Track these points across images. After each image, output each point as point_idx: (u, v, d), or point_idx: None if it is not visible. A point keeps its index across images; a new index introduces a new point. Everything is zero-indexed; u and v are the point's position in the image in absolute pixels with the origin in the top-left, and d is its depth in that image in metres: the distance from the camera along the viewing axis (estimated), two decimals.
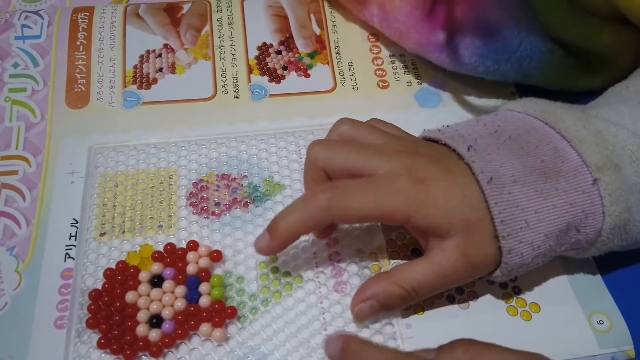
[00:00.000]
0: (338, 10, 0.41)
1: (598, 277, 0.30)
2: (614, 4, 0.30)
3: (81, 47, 0.38)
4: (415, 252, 0.31)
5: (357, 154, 0.27)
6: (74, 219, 0.31)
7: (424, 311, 0.29)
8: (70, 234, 0.31)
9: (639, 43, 0.34)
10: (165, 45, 0.38)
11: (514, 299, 0.29)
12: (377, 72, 0.39)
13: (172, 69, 0.38)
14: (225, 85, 0.37)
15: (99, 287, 0.29)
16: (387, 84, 0.38)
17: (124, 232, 0.31)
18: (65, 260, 0.30)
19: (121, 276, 0.29)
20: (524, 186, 0.26)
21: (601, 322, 0.29)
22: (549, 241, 0.26)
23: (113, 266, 0.29)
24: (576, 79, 0.36)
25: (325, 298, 0.29)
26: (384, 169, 0.26)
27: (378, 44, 0.40)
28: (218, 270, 0.30)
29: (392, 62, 0.39)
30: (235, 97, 0.37)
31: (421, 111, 0.37)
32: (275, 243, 0.27)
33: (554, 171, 0.27)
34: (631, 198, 0.27)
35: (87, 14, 0.39)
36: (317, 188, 0.27)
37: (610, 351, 0.28)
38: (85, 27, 0.39)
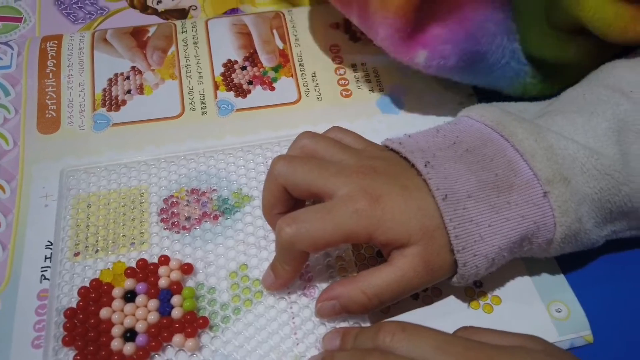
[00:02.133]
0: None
1: (556, 267, 0.31)
2: (578, 18, 0.31)
3: (51, 74, 0.39)
4: (380, 254, 0.32)
5: (318, 174, 0.28)
6: (48, 241, 0.32)
7: (389, 310, 0.30)
8: (46, 255, 0.32)
9: (600, 53, 0.35)
10: (133, 68, 0.40)
11: (476, 292, 0.31)
12: (340, 82, 0.40)
13: (140, 90, 0.39)
14: (193, 103, 0.38)
15: (74, 305, 0.30)
16: (349, 92, 0.40)
17: (97, 251, 0.32)
18: (41, 282, 0.31)
19: (95, 293, 0.30)
20: (478, 201, 0.28)
21: (559, 310, 0.30)
22: (502, 252, 0.28)
23: (87, 284, 0.30)
24: (541, 91, 0.37)
25: (294, 303, 0.30)
26: (342, 191, 0.27)
27: (340, 54, 0.41)
28: (190, 283, 0.31)
29: (354, 71, 0.41)
30: (203, 113, 0.38)
31: (383, 118, 0.38)
32: (278, 282, 0.29)
33: (507, 185, 0.28)
34: (581, 209, 0.28)
35: (56, 42, 0.41)
36: (280, 223, 0.27)
37: (569, 337, 0.29)
38: (54, 54, 0.40)
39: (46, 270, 0.31)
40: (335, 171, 0.28)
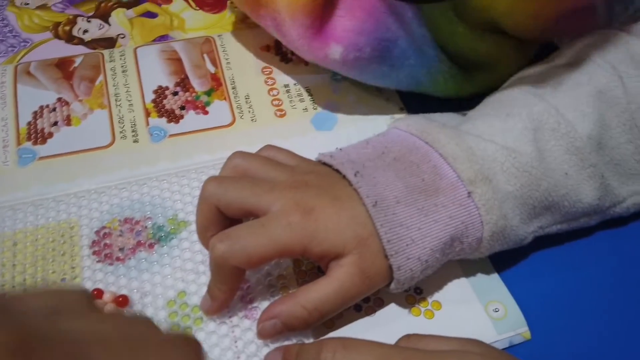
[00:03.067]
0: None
1: (490, 268, 0.32)
2: (490, 16, 0.33)
3: None
4: (321, 269, 0.32)
5: (250, 191, 0.28)
6: None
7: (333, 324, 0.30)
8: None
9: (515, 50, 0.37)
10: (59, 99, 0.39)
11: (417, 299, 0.31)
12: (274, 102, 0.40)
13: (68, 121, 0.38)
14: (124, 131, 0.38)
15: None
16: (284, 112, 0.40)
17: (25, 290, 0.30)
18: None
19: None
20: (407, 206, 0.28)
21: (497, 309, 0.31)
22: (435, 254, 0.28)
23: None
24: (461, 87, 0.38)
25: (236, 326, 0.29)
26: (276, 206, 0.28)
27: (272, 75, 0.42)
28: None
29: (287, 91, 0.41)
30: (135, 141, 0.37)
31: (318, 134, 0.39)
32: (215, 304, 0.29)
33: (434, 188, 0.29)
34: (505, 206, 0.29)
35: None
36: (213, 240, 0.27)
37: (507, 335, 0.30)
38: None
39: None
40: (268, 188, 0.28)
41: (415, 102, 0.41)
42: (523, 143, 0.30)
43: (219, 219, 0.29)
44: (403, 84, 0.38)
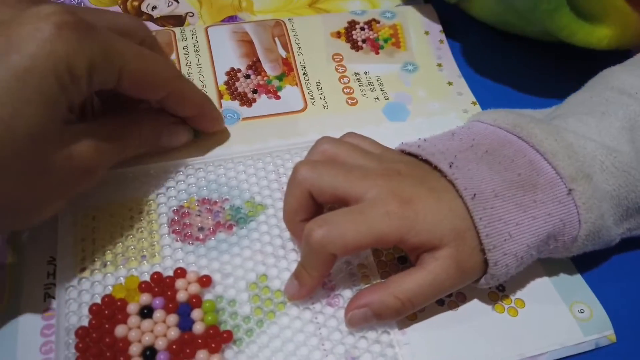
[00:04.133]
0: None
1: (573, 268, 0.32)
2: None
3: None
4: (402, 259, 0.32)
5: (344, 178, 0.28)
6: (50, 256, 0.30)
7: (416, 317, 0.30)
8: (48, 272, 0.30)
9: None
10: None
11: (500, 297, 0.31)
12: (345, 90, 0.40)
13: None
14: None
15: (86, 324, 0.28)
16: (355, 100, 0.39)
17: (105, 265, 0.30)
18: (45, 300, 0.29)
19: (108, 310, 0.28)
20: (505, 200, 0.28)
21: (582, 311, 0.30)
22: (531, 251, 0.28)
23: (98, 301, 0.28)
24: (578, 30, 0.36)
25: (319, 313, 0.29)
26: (370, 194, 0.27)
27: (342, 63, 0.41)
28: (209, 296, 0.29)
29: (358, 80, 0.41)
30: None
31: (390, 125, 0.38)
32: (304, 289, 0.29)
33: (531, 184, 0.28)
34: (604, 205, 0.28)
35: None
36: (311, 224, 0.27)
37: (593, 337, 0.29)
38: None
39: (50, 288, 0.29)
40: (361, 175, 0.28)
41: (486, 97, 0.41)
42: (621, 143, 0.29)
43: (309, 203, 0.29)
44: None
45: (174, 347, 0.27)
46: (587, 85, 0.35)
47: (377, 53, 0.42)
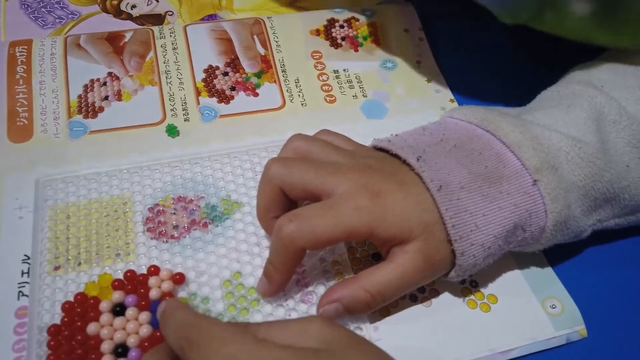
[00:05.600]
0: None
1: (546, 263, 0.32)
2: None
3: (21, 80, 0.37)
4: (375, 256, 0.32)
5: (315, 173, 0.28)
6: (25, 255, 0.30)
7: (389, 313, 0.30)
8: (23, 270, 0.30)
9: None
10: (110, 74, 0.38)
11: (472, 292, 0.31)
12: (324, 88, 0.40)
13: (119, 96, 0.37)
14: (174, 109, 0.37)
15: (58, 322, 0.28)
16: (333, 98, 0.40)
17: (79, 263, 0.30)
18: (18, 299, 0.29)
19: (81, 308, 0.28)
20: (471, 192, 0.28)
21: (554, 306, 0.30)
22: (498, 241, 0.28)
23: (71, 299, 0.28)
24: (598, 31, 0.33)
25: (292, 310, 0.29)
26: (341, 189, 0.27)
27: (322, 60, 0.41)
28: (182, 293, 0.29)
29: (337, 77, 0.41)
30: (185, 120, 0.37)
31: (368, 123, 0.39)
32: (273, 286, 0.29)
33: (497, 176, 0.29)
34: (570, 196, 0.29)
35: (25, 47, 0.39)
36: (282, 219, 0.27)
37: (564, 332, 0.29)
38: (24, 60, 0.38)
39: (24, 286, 0.29)
40: (332, 170, 0.28)
41: (465, 94, 0.41)
42: (587, 133, 0.29)
43: (281, 200, 0.29)
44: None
45: (146, 344, 0.27)
46: (559, 81, 0.35)
47: (357, 50, 0.42)
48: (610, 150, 0.30)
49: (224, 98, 0.38)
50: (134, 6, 0.43)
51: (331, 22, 0.43)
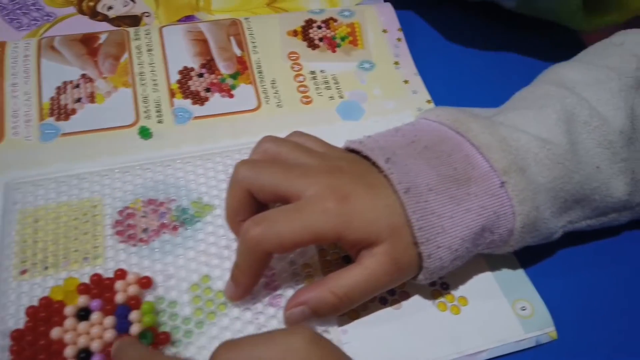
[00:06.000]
0: None
1: (517, 265, 0.32)
2: None
3: None
4: (347, 258, 0.32)
5: (283, 176, 0.28)
6: None
7: (358, 316, 0.29)
8: None
9: None
10: (83, 76, 0.38)
11: (443, 294, 0.31)
12: (300, 89, 0.40)
13: (91, 98, 0.37)
14: (148, 111, 0.37)
15: (22, 326, 0.27)
16: (310, 99, 0.39)
17: (46, 267, 0.30)
18: None
19: (45, 313, 0.28)
20: (439, 194, 0.28)
21: (524, 308, 0.30)
22: (465, 244, 0.28)
23: (36, 303, 0.28)
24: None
25: (260, 313, 0.29)
26: (310, 191, 0.27)
27: (298, 61, 0.41)
28: (149, 297, 0.29)
29: (314, 78, 0.40)
30: (159, 121, 0.37)
31: (344, 124, 0.38)
32: (240, 289, 0.28)
33: (466, 177, 0.28)
34: (538, 197, 0.29)
35: None
36: (248, 222, 0.27)
37: (534, 334, 0.29)
38: None
39: None
40: (301, 172, 0.28)
41: (442, 96, 0.41)
42: (557, 134, 0.29)
43: (250, 202, 0.29)
44: None
45: (110, 349, 0.27)
46: (534, 81, 0.35)
47: (334, 51, 0.42)
48: (580, 151, 0.30)
49: (199, 99, 0.38)
50: (110, 7, 0.43)
51: (309, 23, 0.43)
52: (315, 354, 0.22)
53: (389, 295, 0.30)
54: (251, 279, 0.28)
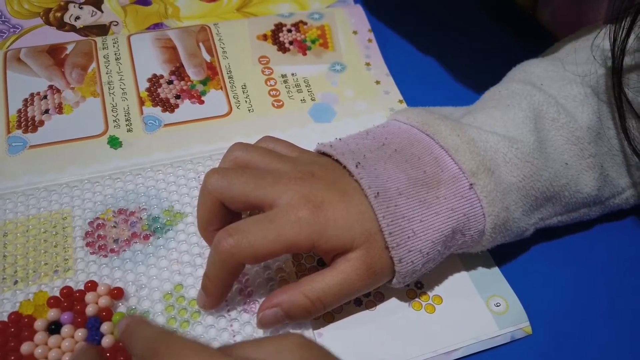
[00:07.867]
0: None
1: (491, 262, 0.32)
2: None
3: None
4: (320, 262, 0.31)
5: (255, 184, 0.27)
6: None
7: (333, 318, 0.29)
8: None
9: None
10: (50, 87, 0.37)
11: (418, 294, 0.31)
12: (271, 93, 0.40)
13: (59, 109, 0.37)
14: (117, 120, 0.37)
15: None
16: (281, 103, 0.39)
17: (16, 282, 0.29)
18: None
19: (14, 328, 0.27)
20: (409, 198, 0.28)
21: (498, 304, 0.30)
22: (436, 247, 0.28)
23: (5, 319, 0.28)
24: None
25: (234, 320, 0.29)
26: (283, 200, 0.27)
27: (269, 65, 0.41)
28: (121, 308, 0.29)
29: (285, 82, 0.40)
30: (129, 130, 0.36)
31: (316, 127, 0.38)
32: (211, 299, 0.28)
33: (435, 180, 0.29)
34: (508, 197, 0.29)
35: None
36: (221, 233, 0.26)
37: (509, 330, 0.29)
38: None
39: None
40: (273, 180, 0.28)
41: (414, 95, 0.41)
42: (524, 133, 0.29)
43: (222, 212, 0.28)
44: None
45: None
46: (503, 79, 0.35)
47: (305, 54, 0.42)
48: (548, 148, 0.30)
49: (169, 107, 0.38)
50: (77, 17, 0.43)
51: (279, 27, 0.43)
52: (308, 356, 0.21)
53: (364, 296, 0.30)
54: (222, 289, 0.28)
